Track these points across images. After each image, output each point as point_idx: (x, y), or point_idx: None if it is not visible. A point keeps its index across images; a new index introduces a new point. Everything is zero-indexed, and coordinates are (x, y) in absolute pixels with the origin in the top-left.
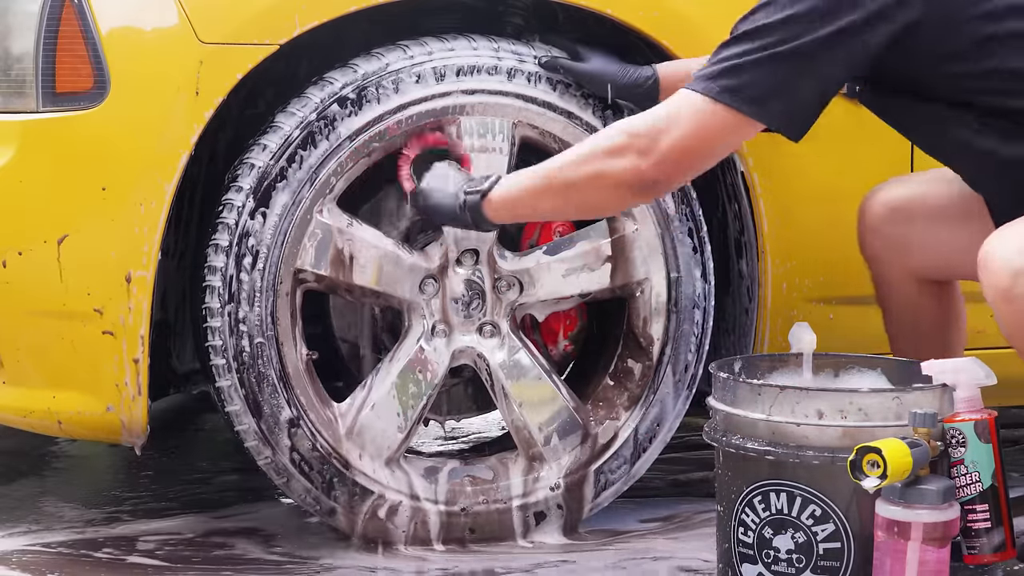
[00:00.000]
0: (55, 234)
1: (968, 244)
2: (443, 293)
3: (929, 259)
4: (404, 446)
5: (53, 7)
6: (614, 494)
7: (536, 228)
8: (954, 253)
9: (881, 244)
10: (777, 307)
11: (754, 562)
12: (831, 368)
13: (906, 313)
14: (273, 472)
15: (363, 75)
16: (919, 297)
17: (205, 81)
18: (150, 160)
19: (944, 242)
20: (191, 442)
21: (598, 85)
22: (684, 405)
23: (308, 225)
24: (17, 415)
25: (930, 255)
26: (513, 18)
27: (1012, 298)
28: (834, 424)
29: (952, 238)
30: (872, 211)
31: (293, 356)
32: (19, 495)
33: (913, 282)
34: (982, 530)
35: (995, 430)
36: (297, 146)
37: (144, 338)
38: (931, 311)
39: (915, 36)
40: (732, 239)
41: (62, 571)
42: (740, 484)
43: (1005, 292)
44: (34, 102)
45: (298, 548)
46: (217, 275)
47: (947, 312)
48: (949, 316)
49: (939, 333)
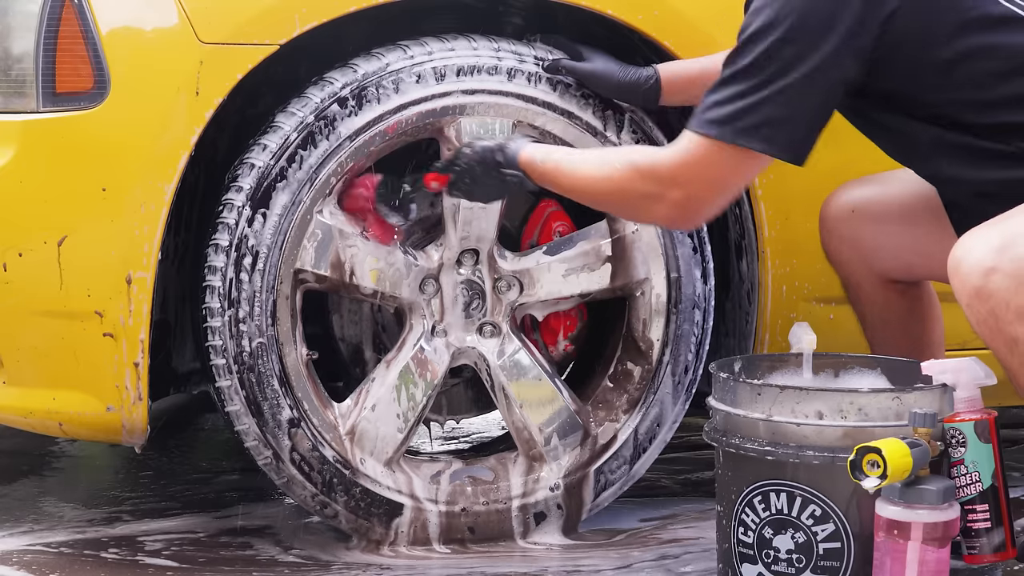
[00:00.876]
0: (55, 234)
1: (929, 244)
2: (443, 293)
3: (891, 260)
4: (404, 446)
5: (53, 7)
6: (614, 494)
7: (536, 228)
8: (916, 253)
9: (842, 245)
10: (777, 307)
11: (754, 562)
12: (831, 368)
13: (877, 315)
14: (273, 472)
15: (363, 75)
16: (888, 298)
17: (205, 81)
18: (150, 160)
19: (904, 241)
20: (191, 442)
21: (599, 85)
22: (684, 405)
23: (308, 225)
24: (17, 415)
25: (891, 254)
26: (513, 18)
27: (985, 296)
28: (834, 424)
29: (913, 238)
30: (831, 212)
31: (293, 356)
32: (19, 495)
33: (879, 283)
34: (982, 530)
35: (995, 430)
36: (297, 146)
37: (144, 342)
38: (902, 312)
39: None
40: (732, 241)
41: (63, 571)
42: (740, 484)
43: (978, 290)
44: (34, 102)
45: (298, 548)
46: (217, 275)
47: (920, 312)
48: (923, 316)
49: (914, 333)
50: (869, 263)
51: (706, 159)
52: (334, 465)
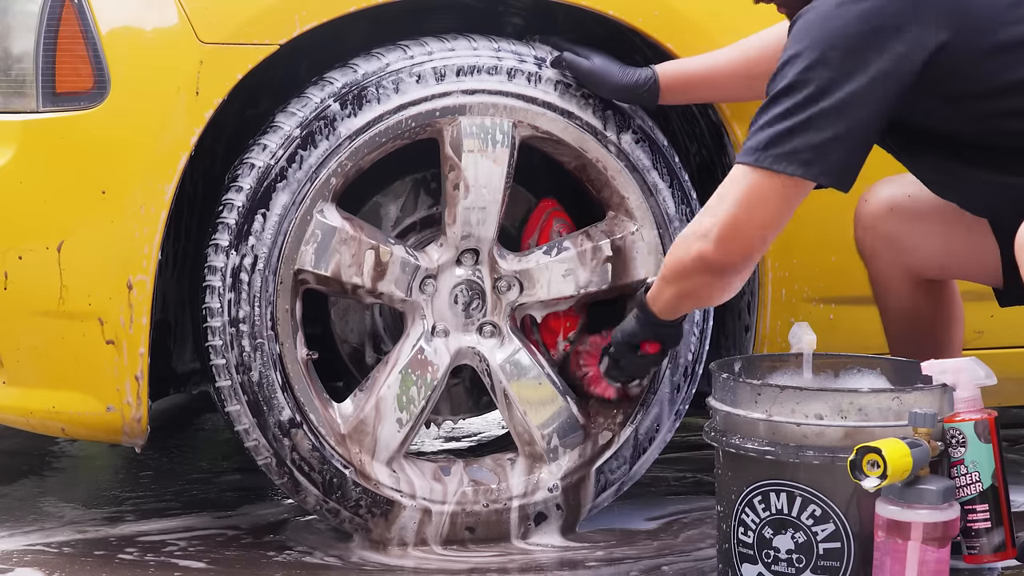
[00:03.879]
0: (55, 235)
1: (964, 243)
2: (443, 293)
3: (925, 258)
4: (405, 446)
5: (53, 7)
6: (614, 494)
7: (536, 229)
8: (950, 252)
9: (878, 242)
10: (777, 308)
11: (754, 562)
12: (831, 368)
13: (903, 312)
14: (273, 473)
15: (363, 75)
16: (916, 296)
17: (205, 81)
18: (150, 160)
19: (941, 241)
20: (191, 442)
21: (598, 85)
22: (684, 405)
23: (308, 225)
24: (18, 415)
25: (926, 253)
26: (513, 18)
27: None
28: (834, 424)
29: (948, 237)
30: (869, 209)
31: (293, 356)
32: (19, 495)
33: (910, 281)
34: (982, 530)
35: (995, 430)
36: (297, 146)
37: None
38: (928, 310)
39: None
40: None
41: (64, 571)
42: (740, 484)
43: None
44: (34, 102)
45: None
46: (217, 275)
47: (945, 311)
48: (947, 315)
49: (937, 332)
50: (904, 261)
51: (741, 187)
52: (334, 465)
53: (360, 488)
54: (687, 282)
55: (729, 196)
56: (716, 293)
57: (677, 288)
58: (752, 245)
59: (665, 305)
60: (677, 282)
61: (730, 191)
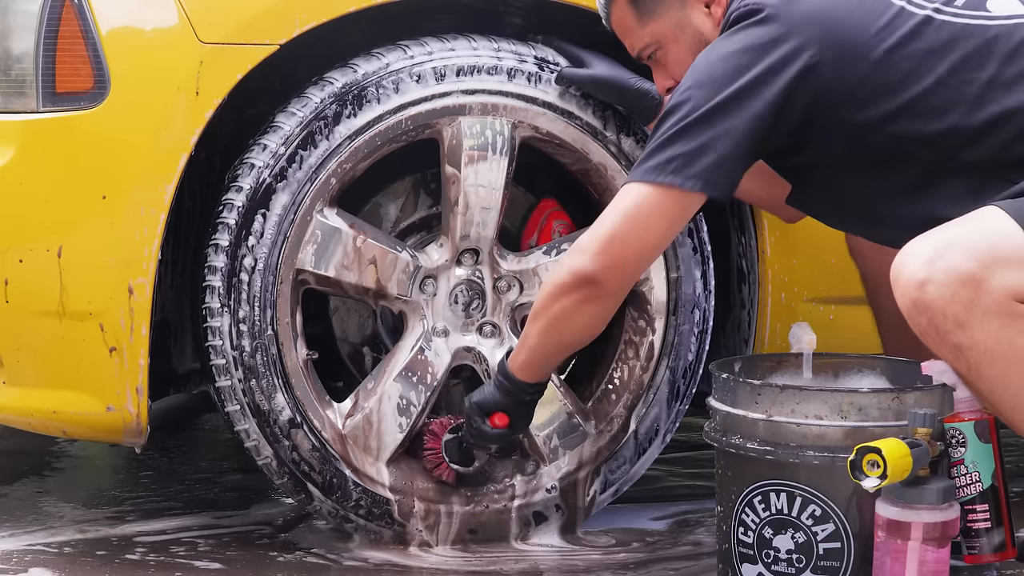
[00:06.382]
0: (55, 235)
1: None
2: (443, 293)
3: None
4: (405, 446)
5: (53, 7)
6: (614, 494)
7: (536, 229)
8: None
9: (864, 242)
10: (777, 309)
11: (754, 562)
12: (831, 368)
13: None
14: (273, 472)
15: (363, 75)
16: None
17: (205, 81)
18: (150, 160)
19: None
20: (191, 442)
21: (605, 93)
22: (684, 405)
23: (308, 225)
24: (18, 415)
25: None
26: (513, 18)
27: (923, 308)
28: (834, 424)
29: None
30: None
31: (293, 356)
32: (19, 495)
33: None
34: (982, 530)
35: (995, 430)
36: (297, 146)
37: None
38: None
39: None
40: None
41: (65, 571)
42: (740, 484)
43: (915, 302)
44: (34, 102)
45: (300, 548)
46: (217, 275)
47: None
48: None
49: None
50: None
51: (620, 202)
52: (334, 465)
53: (360, 488)
54: (556, 304)
55: (609, 213)
56: (584, 321)
57: (545, 319)
58: (628, 258)
59: (528, 354)
60: (547, 309)
61: (610, 209)
